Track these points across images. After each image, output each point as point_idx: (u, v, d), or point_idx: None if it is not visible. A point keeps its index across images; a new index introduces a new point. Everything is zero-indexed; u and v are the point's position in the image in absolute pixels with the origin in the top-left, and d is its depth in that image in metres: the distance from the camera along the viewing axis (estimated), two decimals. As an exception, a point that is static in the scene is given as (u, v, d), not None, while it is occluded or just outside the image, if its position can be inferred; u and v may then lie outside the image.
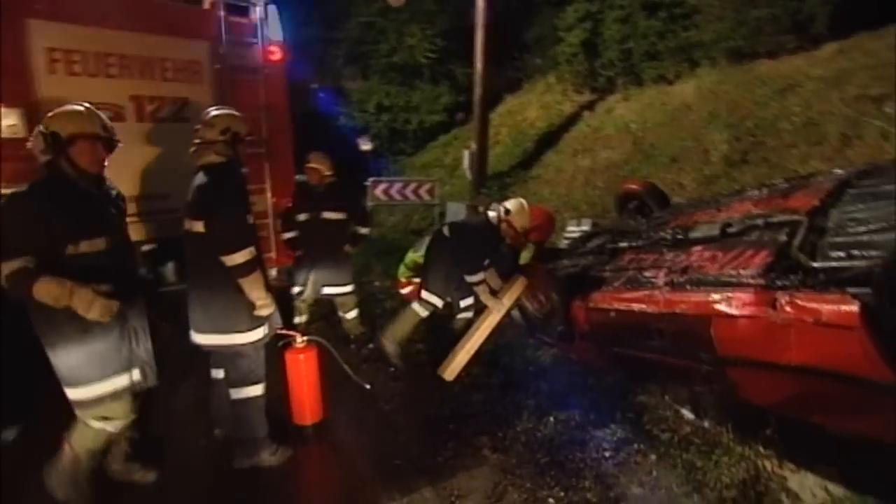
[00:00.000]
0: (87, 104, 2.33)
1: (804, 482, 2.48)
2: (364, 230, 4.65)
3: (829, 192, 2.84)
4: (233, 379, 2.70)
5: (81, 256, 2.17)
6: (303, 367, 3.01)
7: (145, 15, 3.83)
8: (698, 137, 6.90)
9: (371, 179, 9.49)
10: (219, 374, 2.85)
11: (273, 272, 4.60)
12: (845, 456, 2.44)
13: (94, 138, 2.26)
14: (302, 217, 4.39)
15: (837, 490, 2.38)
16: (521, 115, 11.34)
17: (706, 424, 2.94)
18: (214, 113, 2.74)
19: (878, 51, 6.13)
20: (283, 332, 3.00)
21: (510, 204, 4.01)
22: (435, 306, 4.10)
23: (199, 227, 2.54)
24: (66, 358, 2.20)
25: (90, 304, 2.09)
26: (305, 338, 3.06)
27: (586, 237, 4.85)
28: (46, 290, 2.05)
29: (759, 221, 2.87)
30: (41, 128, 2.21)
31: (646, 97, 8.67)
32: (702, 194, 5.82)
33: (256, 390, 2.72)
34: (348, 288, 4.56)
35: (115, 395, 2.29)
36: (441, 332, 4.38)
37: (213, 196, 2.52)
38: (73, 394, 2.25)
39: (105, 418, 2.32)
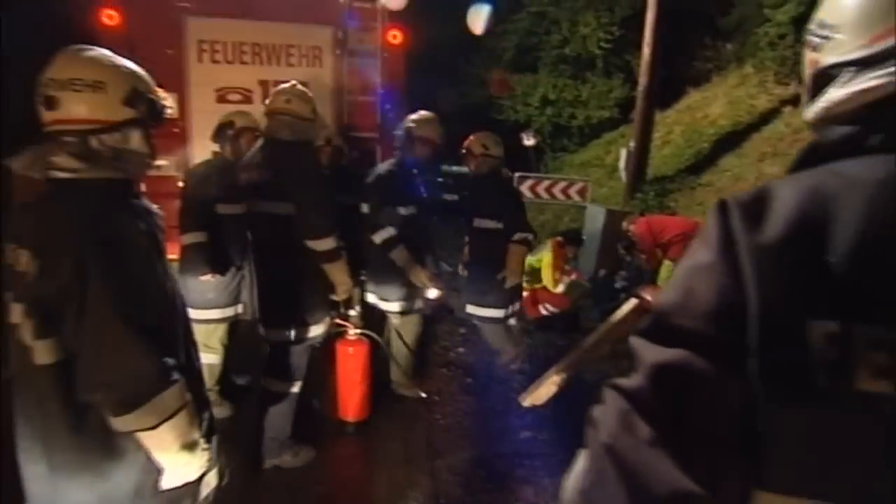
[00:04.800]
0: None
1: None
2: None
3: None
4: (271, 370, 2.58)
5: None
6: (351, 360, 2.87)
7: (279, 4, 4.05)
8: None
9: (517, 175, 9.11)
10: None
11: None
12: None
13: None
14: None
15: None
16: (702, 111, 9.70)
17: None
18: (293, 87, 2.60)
19: None
20: (339, 322, 2.89)
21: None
22: None
23: (281, 208, 2.40)
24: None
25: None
26: (358, 331, 2.91)
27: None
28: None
29: None
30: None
31: (878, 88, 6.59)
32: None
33: (291, 388, 2.57)
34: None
35: None
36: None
37: (303, 176, 2.41)
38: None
39: None
